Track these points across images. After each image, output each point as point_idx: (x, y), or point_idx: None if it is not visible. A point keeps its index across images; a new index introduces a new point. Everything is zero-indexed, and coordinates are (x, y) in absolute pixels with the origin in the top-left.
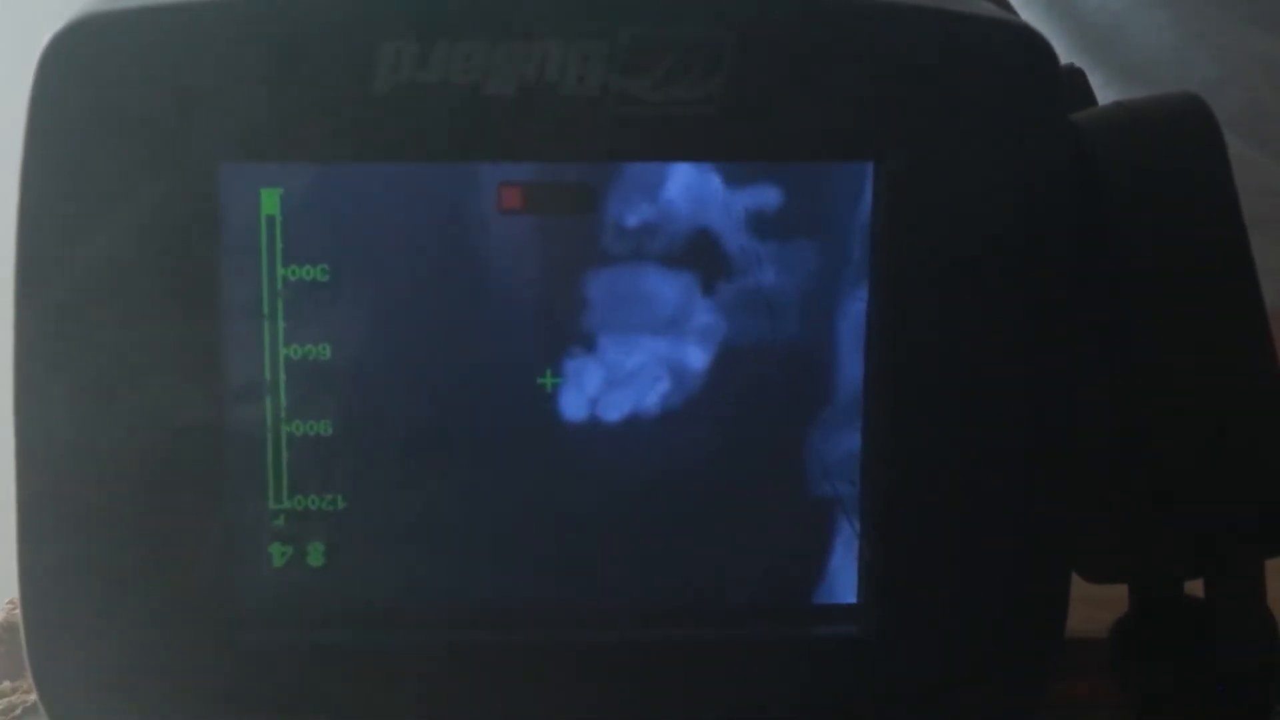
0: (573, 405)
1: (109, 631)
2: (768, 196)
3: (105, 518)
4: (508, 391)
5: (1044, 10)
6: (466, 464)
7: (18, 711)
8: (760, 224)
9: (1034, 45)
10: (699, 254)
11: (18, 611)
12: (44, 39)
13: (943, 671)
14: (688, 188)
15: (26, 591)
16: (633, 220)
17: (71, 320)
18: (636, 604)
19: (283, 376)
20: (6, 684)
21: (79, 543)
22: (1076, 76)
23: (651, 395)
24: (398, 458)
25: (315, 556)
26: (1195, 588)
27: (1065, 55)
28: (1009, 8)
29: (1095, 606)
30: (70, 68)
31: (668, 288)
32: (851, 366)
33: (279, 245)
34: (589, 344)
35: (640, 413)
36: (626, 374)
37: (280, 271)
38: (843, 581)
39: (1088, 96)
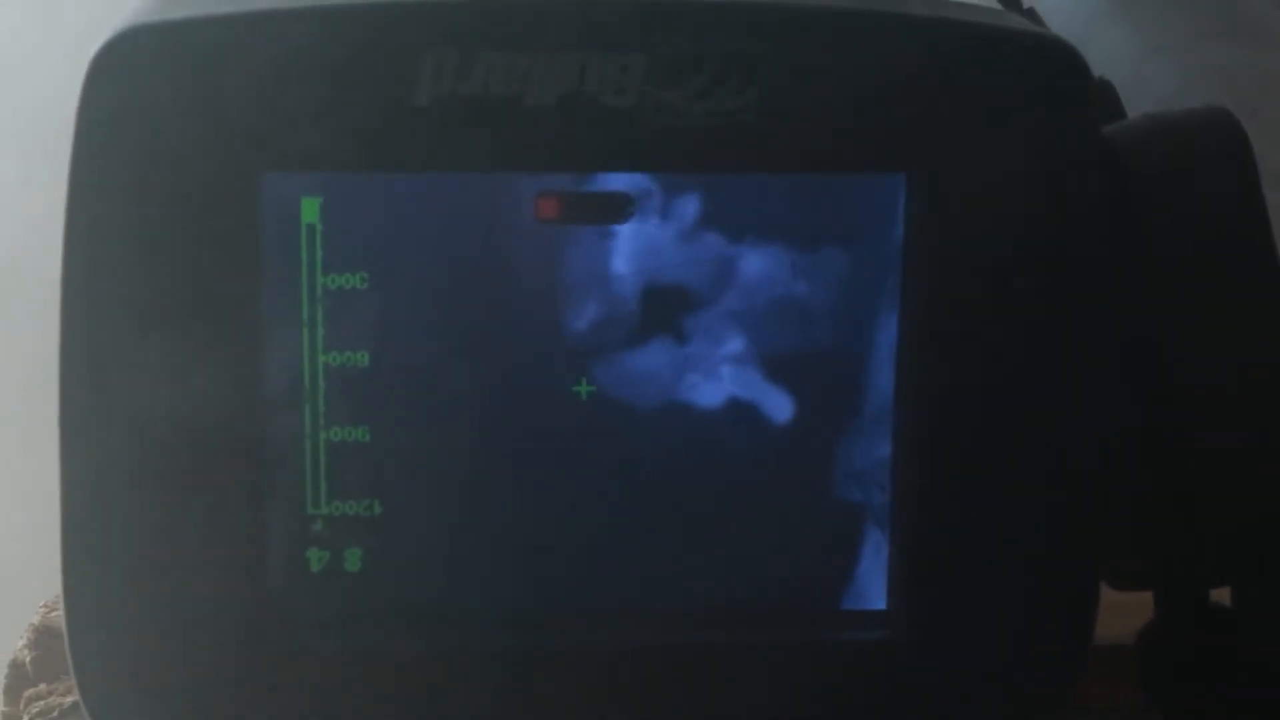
0: (608, 413)
1: (150, 636)
2: (802, 207)
3: (147, 523)
4: (544, 399)
5: None
6: (502, 470)
7: (55, 714)
8: (794, 234)
9: (1066, 58)
10: (733, 264)
11: (53, 615)
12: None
13: (970, 676)
14: (723, 198)
15: (70, 597)
16: (668, 230)
17: (115, 326)
18: (671, 608)
19: (321, 383)
20: (43, 686)
21: (121, 548)
22: (1106, 89)
23: (686, 403)
24: (434, 464)
25: (353, 562)
26: (1221, 595)
27: None
28: (1040, 21)
29: (1122, 614)
30: (117, 78)
31: (703, 297)
32: (883, 375)
33: (319, 253)
34: (624, 352)
35: (675, 420)
36: (662, 382)
37: (320, 279)
38: (872, 587)
39: (1117, 109)
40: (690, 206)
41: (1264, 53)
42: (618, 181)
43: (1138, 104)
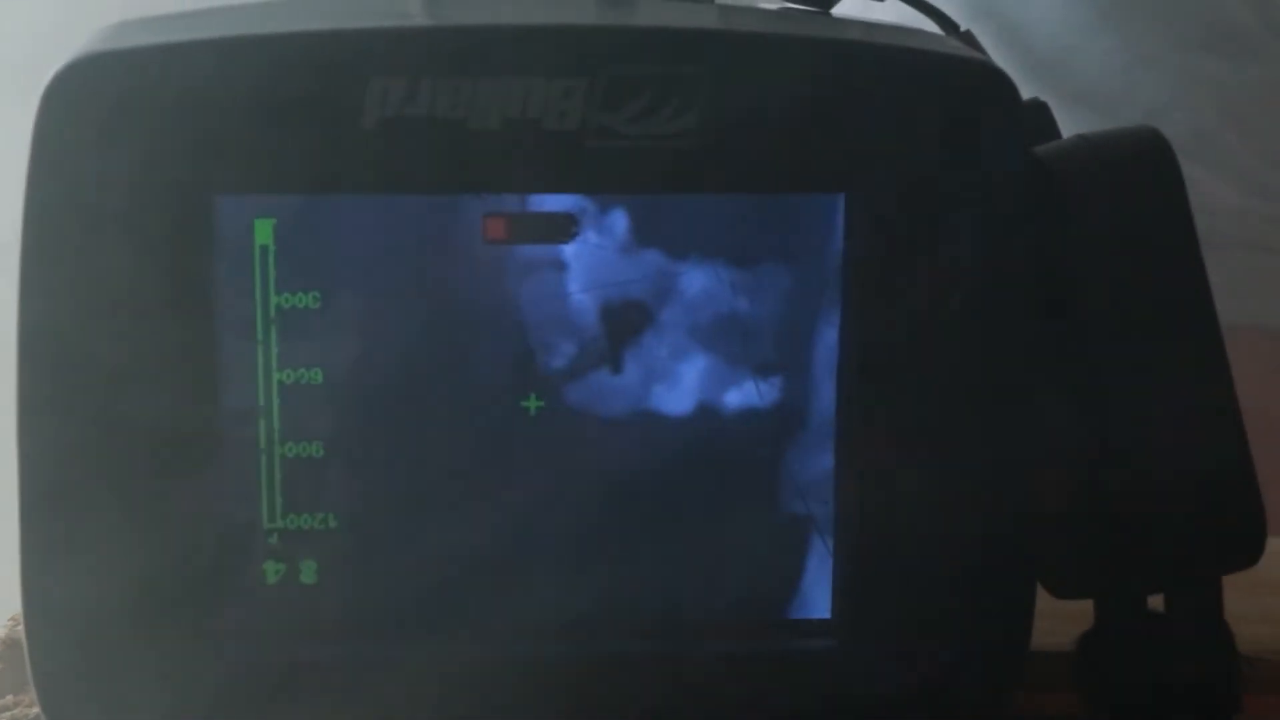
0: (555, 428)
1: (109, 647)
2: (742, 226)
3: (104, 537)
4: (492, 414)
5: (995, 39)
6: (454, 485)
7: None
8: (735, 253)
9: (997, 82)
10: (676, 281)
11: (19, 628)
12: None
13: (912, 683)
14: (665, 218)
15: (30, 610)
16: (612, 249)
17: (72, 345)
18: (618, 619)
19: (276, 400)
20: (9, 698)
21: (79, 563)
22: (1040, 110)
23: (631, 418)
24: (388, 479)
25: (308, 574)
26: (1159, 602)
27: (1017, 83)
28: (978, 46)
29: (1060, 620)
30: (72, 103)
31: (646, 314)
32: (825, 390)
33: (272, 273)
34: (570, 369)
35: (620, 434)
36: (607, 397)
37: (273, 299)
38: (817, 597)
39: (1051, 129)
40: (633, 226)
41: (1252, 64)
42: (562, 203)
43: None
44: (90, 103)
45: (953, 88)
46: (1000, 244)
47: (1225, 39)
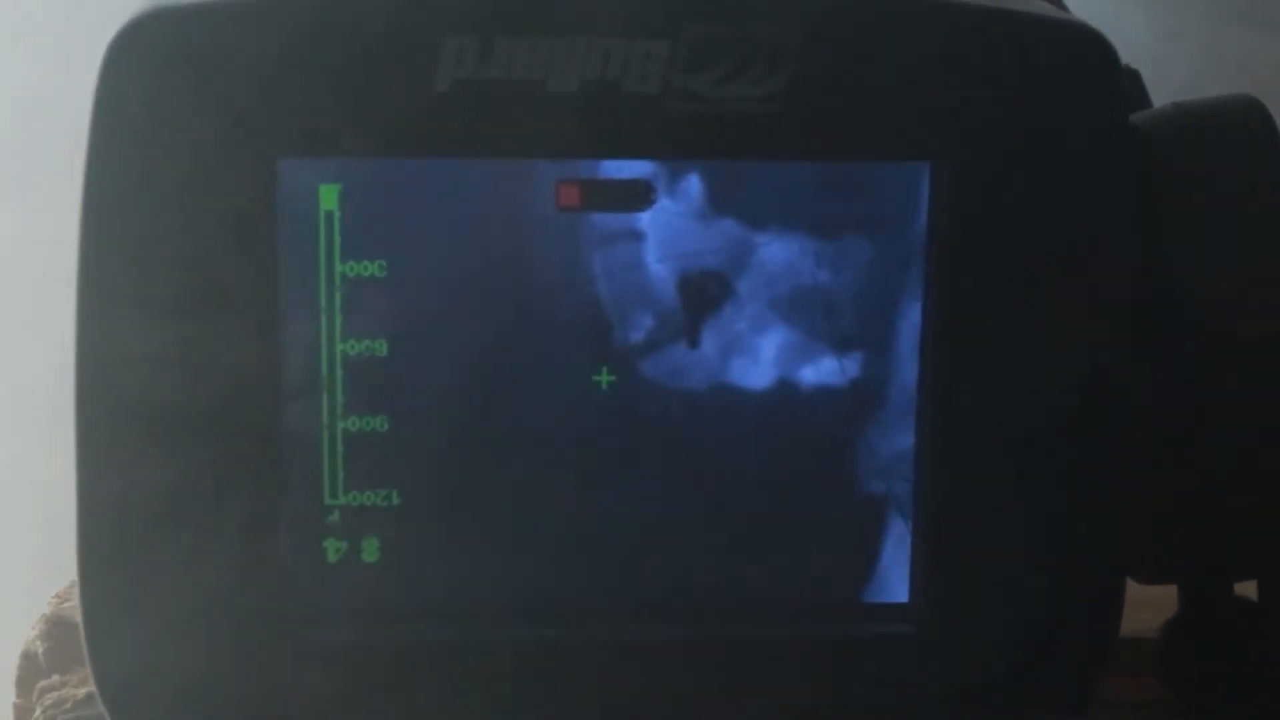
0: (627, 403)
1: (166, 627)
2: (825, 196)
3: (163, 513)
4: (563, 388)
5: None
6: (522, 460)
7: (68, 705)
8: (817, 223)
9: (1095, 46)
10: (755, 252)
11: (65, 605)
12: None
13: (994, 670)
14: (745, 186)
15: (87, 588)
16: (690, 218)
17: (131, 313)
18: (691, 601)
19: (340, 372)
20: (56, 678)
21: (137, 539)
22: (1132, 78)
23: (707, 393)
24: (453, 454)
25: (370, 552)
26: (1245, 589)
27: None
28: (1065, 9)
29: (1144, 608)
30: (135, 62)
31: (725, 286)
32: (907, 365)
33: (337, 241)
34: (644, 342)
35: (695, 410)
36: (682, 372)
37: (338, 267)
38: (895, 580)
39: (1142, 98)
40: (712, 194)
41: None
42: (639, 169)
43: (1155, 90)
44: (153, 61)
45: (1050, 51)
46: (1095, 215)
47: (1257, 14)
